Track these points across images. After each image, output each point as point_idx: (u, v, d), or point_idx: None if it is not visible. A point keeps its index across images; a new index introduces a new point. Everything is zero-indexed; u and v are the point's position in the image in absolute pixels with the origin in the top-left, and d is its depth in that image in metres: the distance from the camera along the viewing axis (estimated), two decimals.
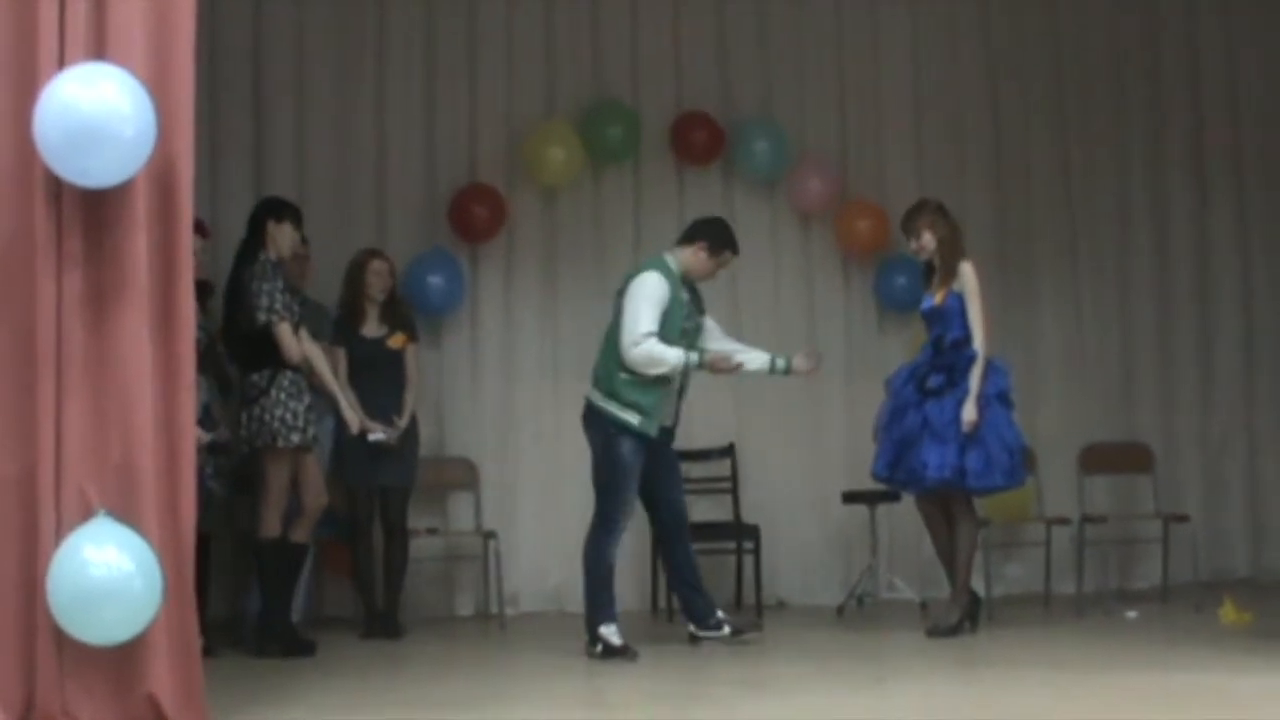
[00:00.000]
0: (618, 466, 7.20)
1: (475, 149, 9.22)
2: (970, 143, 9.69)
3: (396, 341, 8.24)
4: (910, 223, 7.81)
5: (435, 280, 8.95)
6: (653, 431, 7.22)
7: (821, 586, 9.22)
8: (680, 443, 8.94)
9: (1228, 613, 7.89)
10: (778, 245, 9.45)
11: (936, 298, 7.70)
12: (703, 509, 8.94)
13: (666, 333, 7.18)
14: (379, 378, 8.16)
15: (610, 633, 7.18)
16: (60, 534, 5.11)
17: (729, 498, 9.05)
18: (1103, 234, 9.79)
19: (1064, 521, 8.86)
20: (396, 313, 8.32)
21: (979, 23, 9.75)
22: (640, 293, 7.20)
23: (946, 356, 7.63)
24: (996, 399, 7.60)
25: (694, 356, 7.22)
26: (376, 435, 8.01)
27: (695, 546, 7.67)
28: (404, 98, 9.16)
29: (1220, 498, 9.82)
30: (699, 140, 9.30)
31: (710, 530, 8.74)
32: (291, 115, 9.03)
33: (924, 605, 8.66)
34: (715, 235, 7.44)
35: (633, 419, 7.17)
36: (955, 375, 7.56)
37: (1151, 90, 9.90)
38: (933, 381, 7.61)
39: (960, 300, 7.61)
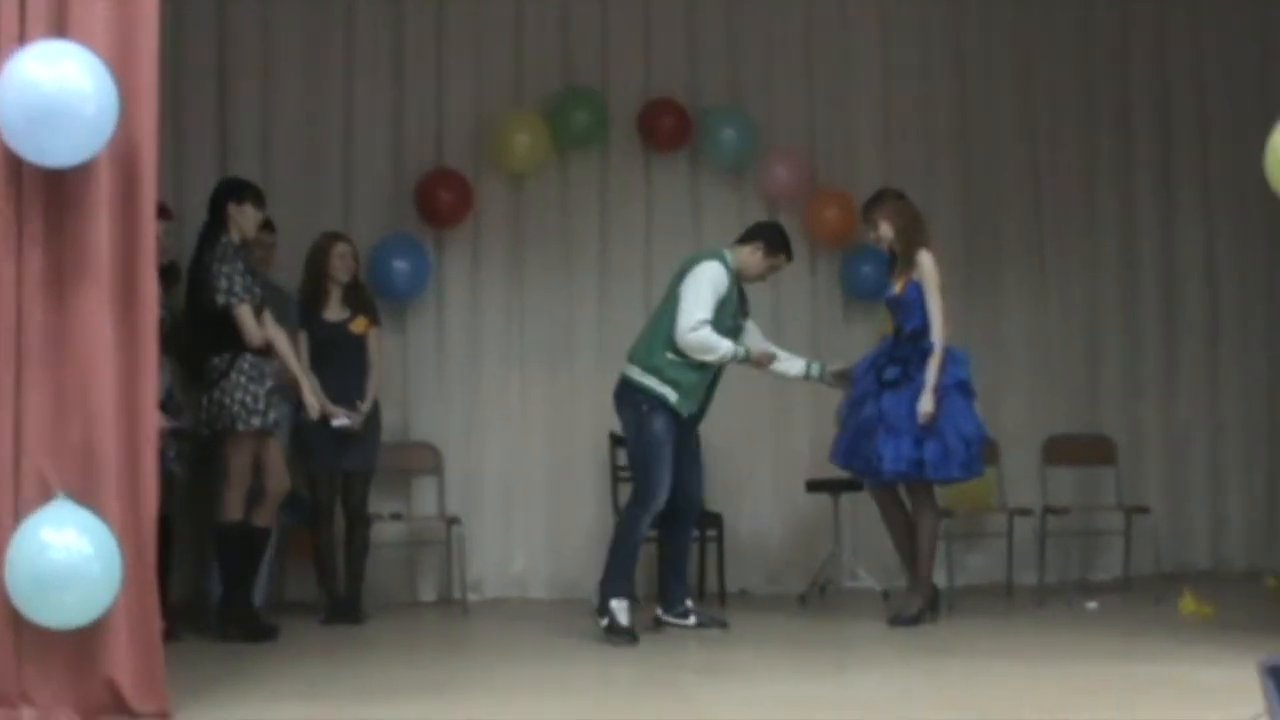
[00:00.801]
0: (653, 442, 7.35)
1: (442, 134, 9.17)
2: (939, 133, 9.68)
3: (359, 326, 8.21)
4: (869, 213, 7.83)
5: (400, 265, 8.90)
6: (685, 411, 7.39)
7: (785, 575, 9.22)
8: None
9: (1188, 604, 7.92)
10: None
11: (896, 287, 7.72)
12: None
13: (717, 325, 7.38)
14: (341, 362, 8.13)
15: (620, 608, 7.27)
16: (18, 517, 5.11)
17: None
18: (1069, 227, 9.80)
19: (1026, 512, 8.91)
20: (359, 297, 8.28)
21: (950, 12, 9.73)
22: (703, 278, 7.40)
23: (904, 348, 7.65)
24: (955, 389, 7.62)
25: (741, 350, 7.47)
26: (340, 421, 7.99)
27: (658, 534, 7.76)
28: (371, 81, 9.10)
29: (1182, 490, 9.85)
30: (667, 127, 9.27)
31: None
32: (258, 97, 8.95)
33: (886, 594, 8.61)
34: (773, 238, 7.68)
35: (670, 395, 7.35)
36: (911, 368, 7.59)
37: (1120, 84, 9.90)
38: (889, 373, 7.63)
39: (919, 290, 7.62)
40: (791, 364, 7.76)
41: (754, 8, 9.51)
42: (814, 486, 8.87)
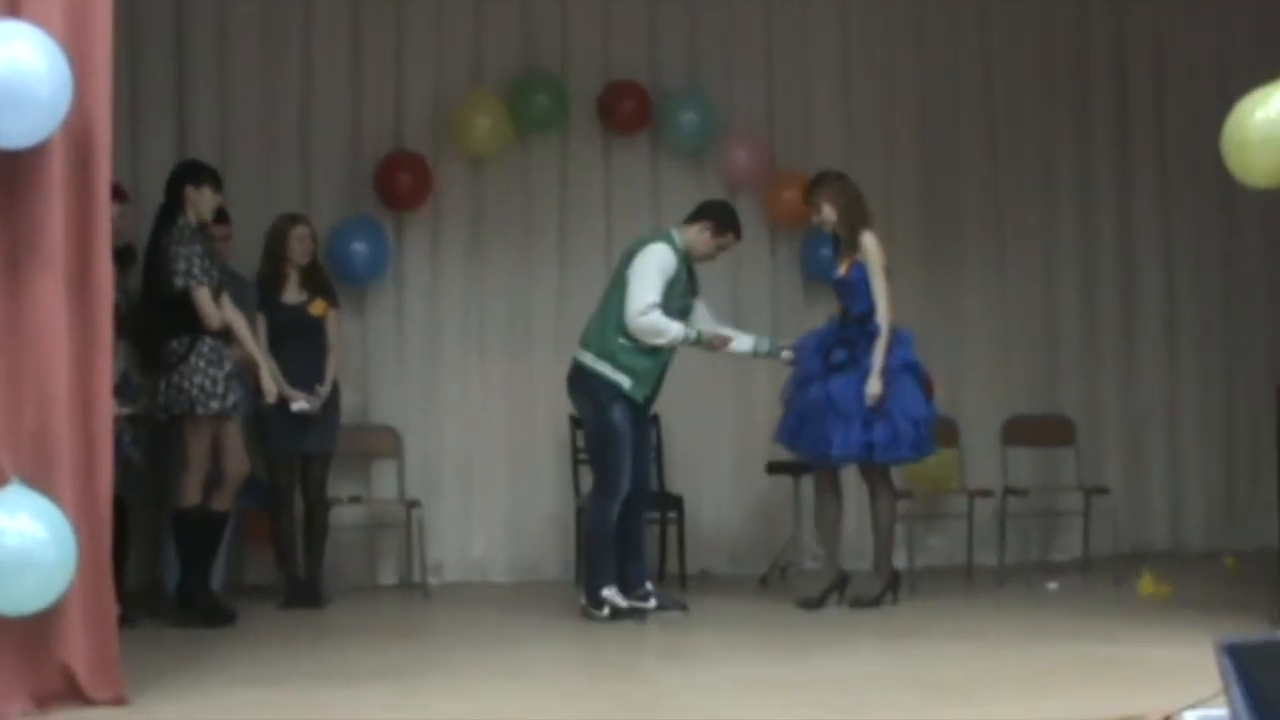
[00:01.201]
0: (612, 433, 7.40)
1: (402, 116, 9.12)
2: (899, 116, 9.66)
3: (318, 308, 8.18)
4: (811, 196, 7.84)
5: (359, 248, 8.85)
6: (639, 397, 7.44)
7: (745, 557, 9.22)
8: None
9: (1146, 585, 7.96)
10: None
11: (841, 269, 7.72)
12: None
13: (665, 307, 7.39)
14: (300, 345, 8.10)
15: (613, 594, 7.37)
16: None
17: (653, 468, 8.87)
18: (1028, 208, 9.81)
19: (986, 494, 8.93)
20: (317, 279, 8.25)
21: None
22: (651, 261, 7.41)
23: (850, 330, 7.65)
24: (903, 370, 7.63)
25: (693, 334, 7.49)
26: (300, 405, 7.96)
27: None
28: (330, 62, 9.03)
29: (1141, 471, 9.88)
30: (627, 110, 9.23)
31: None
32: (215, 78, 8.89)
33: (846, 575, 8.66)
34: (721, 217, 7.68)
35: (624, 382, 7.38)
36: (857, 351, 7.58)
37: (1079, 65, 9.91)
38: (836, 356, 7.62)
39: (864, 271, 7.62)
40: (740, 341, 7.74)
41: None
42: (775, 469, 8.88)
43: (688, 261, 7.57)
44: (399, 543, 8.83)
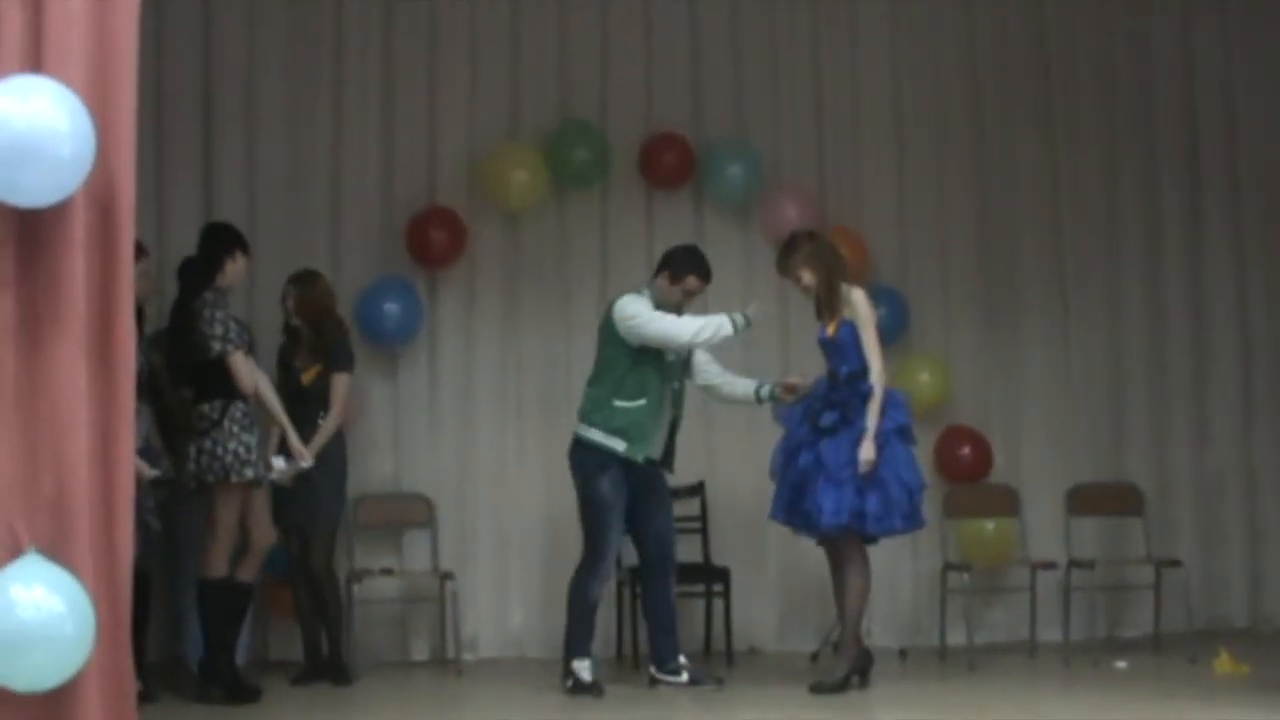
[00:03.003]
0: (598, 506, 7.45)
1: (435, 171, 9.01)
2: (953, 169, 9.47)
3: (307, 377, 7.97)
4: (784, 263, 7.56)
5: (391, 308, 8.73)
6: (639, 456, 7.40)
7: (795, 632, 8.99)
8: None
9: (1223, 663, 7.75)
10: (751, 273, 9.18)
11: (829, 329, 7.42)
12: None
13: (646, 361, 7.42)
14: (297, 412, 7.83)
15: (582, 668, 7.38)
16: None
17: (699, 538, 8.81)
18: (1092, 264, 9.58)
19: (1050, 566, 8.70)
20: (315, 343, 8.00)
21: (962, 46, 9.53)
22: (627, 304, 7.48)
23: (841, 392, 7.36)
24: (896, 435, 7.35)
25: (739, 318, 7.45)
26: (278, 472, 7.69)
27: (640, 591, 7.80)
28: (361, 115, 8.94)
29: (1216, 542, 9.57)
30: (669, 163, 9.10)
31: (679, 572, 8.45)
32: (242, 133, 8.81)
33: (903, 653, 8.50)
34: (675, 263, 7.64)
35: (619, 445, 7.40)
36: (849, 412, 7.30)
37: (1143, 114, 9.68)
38: (825, 419, 7.33)
39: (853, 329, 7.34)
40: (738, 384, 7.73)
41: (759, 38, 9.35)
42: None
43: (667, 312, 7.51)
44: (432, 616, 8.68)
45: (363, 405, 8.61)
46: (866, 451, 7.18)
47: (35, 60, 5.06)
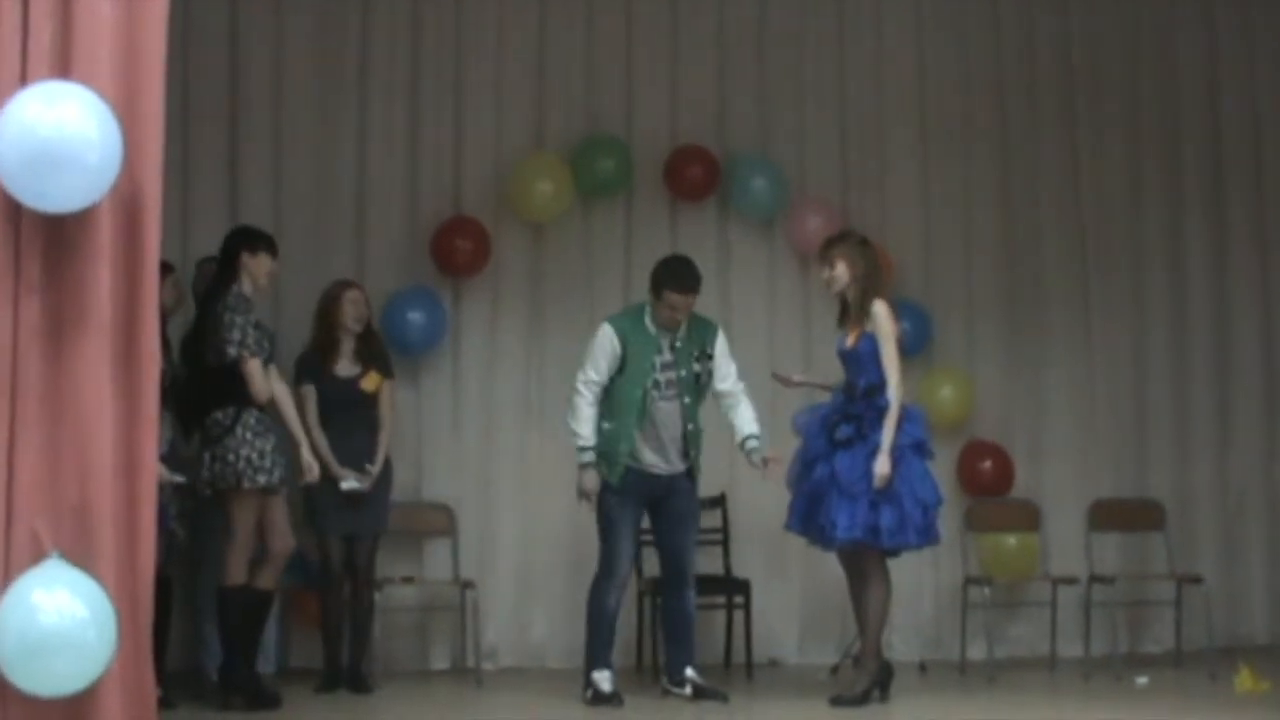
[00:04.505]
0: (605, 516, 7.52)
1: (460, 180, 8.98)
2: (977, 183, 9.44)
3: (370, 383, 8.01)
4: (826, 250, 7.50)
5: (416, 317, 8.71)
6: (614, 479, 7.43)
7: (816, 645, 8.96)
8: None
9: (1244, 680, 7.69)
10: (774, 285, 9.22)
11: (849, 339, 7.39)
12: None
13: (627, 381, 7.43)
14: (350, 420, 7.92)
15: (601, 679, 7.36)
16: (8, 577, 4.93)
17: (720, 550, 8.77)
18: (1116, 278, 9.53)
19: (1071, 581, 8.67)
20: (371, 349, 8.08)
21: (988, 58, 9.51)
22: (590, 344, 7.57)
23: (858, 404, 7.32)
24: (912, 450, 7.31)
25: (588, 456, 7.47)
26: (349, 484, 7.80)
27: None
28: (386, 125, 8.92)
29: (1237, 558, 9.51)
30: (694, 175, 9.06)
31: (700, 584, 8.43)
32: (268, 142, 8.80)
33: (923, 666, 8.51)
34: (654, 279, 7.58)
35: (603, 466, 7.48)
36: (865, 426, 7.25)
37: (1168, 129, 9.65)
38: (842, 432, 7.29)
39: (874, 343, 7.29)
40: (737, 426, 7.68)
41: (785, 51, 9.32)
42: None
43: (669, 331, 7.51)
44: (452, 625, 8.65)
45: None
46: (882, 466, 7.14)
47: (64, 67, 5.10)
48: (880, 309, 7.30)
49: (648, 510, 7.59)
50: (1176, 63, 9.66)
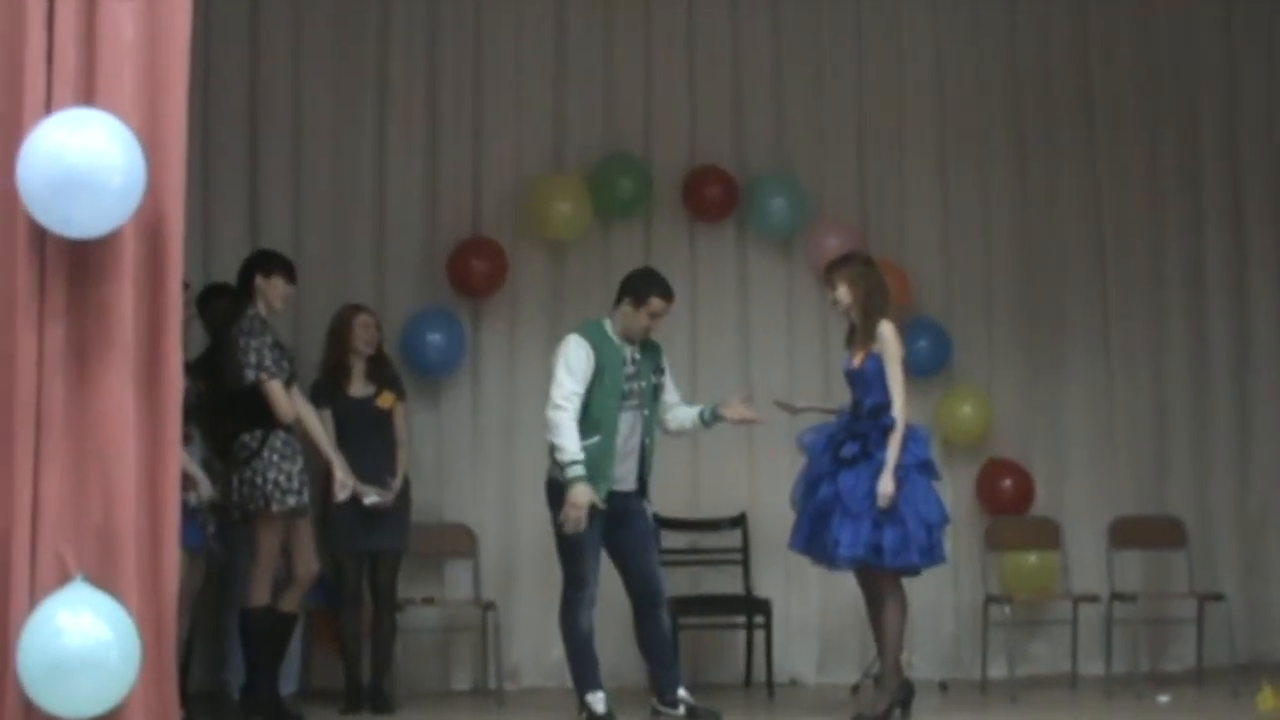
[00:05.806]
0: (566, 539, 7.28)
1: (479, 201, 9.00)
2: (996, 202, 9.43)
3: (385, 401, 8.03)
4: (829, 273, 7.49)
5: (435, 338, 8.72)
6: (600, 498, 7.21)
7: (837, 664, 8.93)
8: (689, 512, 8.79)
9: (1266, 698, 7.60)
10: (793, 305, 9.21)
11: (855, 360, 7.37)
12: (713, 582, 8.77)
13: (604, 394, 7.26)
14: (368, 439, 7.93)
15: (594, 700, 7.25)
16: (34, 599, 4.98)
17: (740, 570, 8.77)
18: (1135, 296, 9.51)
19: (1092, 599, 8.63)
20: (383, 371, 8.10)
21: (1006, 79, 9.50)
22: (558, 359, 7.37)
23: (863, 424, 7.29)
24: (916, 469, 7.27)
25: (578, 470, 7.15)
26: (372, 499, 7.79)
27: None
28: (405, 146, 8.95)
29: (1258, 576, 9.46)
30: (712, 195, 9.07)
31: (720, 604, 8.58)
32: (288, 165, 8.83)
33: (944, 685, 8.50)
34: (636, 286, 7.50)
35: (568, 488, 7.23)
36: (870, 445, 7.22)
37: (1188, 149, 9.63)
38: (846, 450, 7.26)
39: (879, 363, 7.27)
40: (682, 416, 7.54)
41: (804, 72, 9.33)
42: None
43: (631, 342, 7.40)
44: (474, 646, 8.65)
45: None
46: (885, 485, 7.11)
47: (88, 93, 5.15)
48: (887, 330, 7.28)
49: (603, 531, 7.36)
50: (1196, 83, 9.64)
